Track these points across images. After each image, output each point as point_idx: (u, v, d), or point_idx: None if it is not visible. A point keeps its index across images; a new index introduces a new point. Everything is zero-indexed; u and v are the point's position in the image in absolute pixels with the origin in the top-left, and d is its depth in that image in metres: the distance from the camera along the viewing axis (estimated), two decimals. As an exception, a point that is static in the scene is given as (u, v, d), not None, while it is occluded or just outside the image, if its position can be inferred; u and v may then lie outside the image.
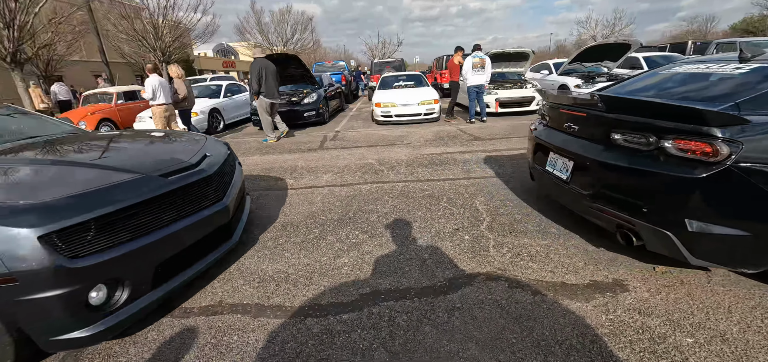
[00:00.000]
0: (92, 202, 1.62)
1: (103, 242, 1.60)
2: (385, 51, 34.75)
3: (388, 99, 8.12)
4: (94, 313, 1.59)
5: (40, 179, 1.87)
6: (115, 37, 17.14)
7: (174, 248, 1.90)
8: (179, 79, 6.66)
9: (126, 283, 1.70)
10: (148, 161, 2.17)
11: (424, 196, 3.57)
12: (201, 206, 2.11)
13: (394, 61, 14.99)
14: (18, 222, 1.43)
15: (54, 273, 1.43)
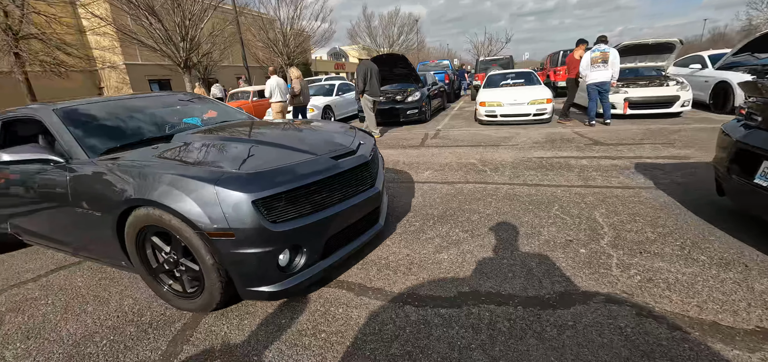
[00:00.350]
0: (288, 176, 1.88)
1: (292, 212, 1.84)
2: (491, 48, 33.09)
3: (494, 98, 7.73)
4: (281, 273, 1.85)
5: (243, 154, 2.14)
6: (252, 45, 20.37)
7: (340, 226, 2.08)
8: (297, 79, 7.58)
9: (304, 251, 1.91)
10: (319, 144, 2.37)
11: (531, 201, 3.31)
12: (360, 189, 2.27)
13: (501, 58, 14.16)
14: (238, 188, 1.71)
15: (260, 233, 1.70)
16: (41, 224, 2.55)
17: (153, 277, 2.11)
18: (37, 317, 2.20)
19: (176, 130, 2.83)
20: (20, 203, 2.58)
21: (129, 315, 2.12)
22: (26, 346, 1.94)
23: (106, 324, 2.05)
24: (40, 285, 2.61)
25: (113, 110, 2.81)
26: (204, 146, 2.29)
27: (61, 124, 2.38)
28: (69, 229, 2.34)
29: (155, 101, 3.22)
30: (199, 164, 1.97)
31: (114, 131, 2.62)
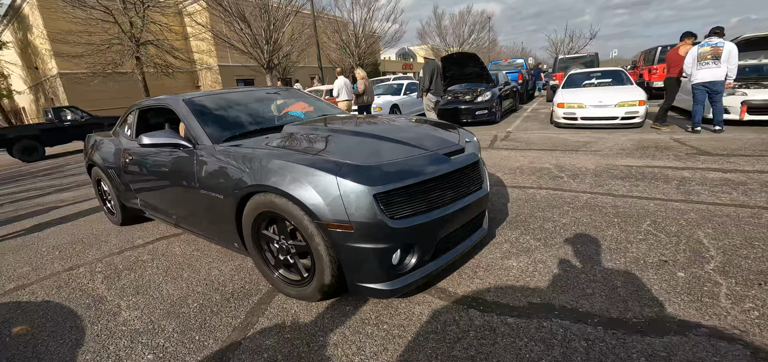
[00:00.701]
0: (407, 170, 1.81)
1: (409, 209, 1.76)
2: (572, 46, 30.29)
3: (574, 99, 7.10)
4: (392, 271, 1.78)
5: (357, 147, 2.09)
6: (326, 47, 21.48)
7: (451, 227, 1.97)
8: (362, 80, 7.89)
9: (416, 251, 1.83)
10: (428, 139, 2.23)
11: (616, 213, 2.97)
12: (471, 189, 2.14)
13: (584, 56, 12.91)
14: (360, 180, 1.67)
15: (378, 228, 1.65)
16: (166, 202, 2.87)
17: (264, 262, 2.18)
18: (145, 277, 2.59)
19: (284, 122, 2.94)
20: (150, 181, 2.94)
21: (215, 284, 2.38)
22: (136, 300, 2.29)
23: (197, 290, 2.33)
24: (148, 250, 3.06)
25: (227, 102, 3.01)
26: (316, 138, 2.30)
27: (189, 112, 2.62)
28: (191, 208, 2.55)
29: (260, 94, 3.39)
30: (316, 154, 1.94)
31: (231, 120, 2.81)
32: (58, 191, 5.95)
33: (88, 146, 3.95)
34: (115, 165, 3.35)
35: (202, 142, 2.41)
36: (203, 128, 2.50)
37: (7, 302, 2.44)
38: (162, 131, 2.50)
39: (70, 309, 2.25)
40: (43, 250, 3.34)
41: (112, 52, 18.29)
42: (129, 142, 3.25)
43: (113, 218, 3.80)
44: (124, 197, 3.42)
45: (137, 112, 3.30)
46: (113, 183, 3.45)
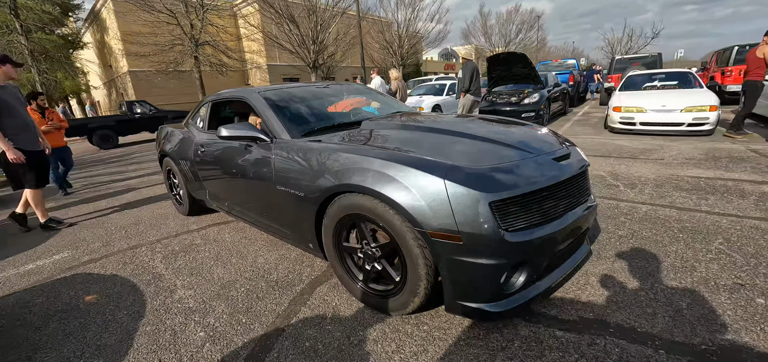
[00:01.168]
0: (522, 176, 1.59)
1: (523, 221, 1.51)
2: (631, 45, 27.92)
3: (633, 103, 6.57)
4: (499, 291, 1.53)
5: (456, 147, 1.85)
6: (369, 47, 21.75)
7: (563, 241, 1.68)
8: (395, 80, 8.10)
9: (526, 268, 1.57)
10: (531, 141, 1.97)
11: (681, 228, 2.71)
12: (581, 200, 1.85)
13: (645, 56, 11.89)
14: (472, 184, 1.46)
15: (492, 241, 1.42)
16: (236, 195, 2.79)
17: (345, 268, 2.03)
18: (198, 259, 2.76)
19: (360, 117, 2.77)
20: (221, 174, 2.86)
21: (261, 271, 2.49)
22: (190, 280, 2.45)
23: (245, 275, 2.45)
24: (201, 235, 3.27)
25: (301, 96, 2.88)
26: (404, 135, 2.12)
27: (266, 106, 2.53)
28: (264, 203, 2.43)
29: (329, 90, 3.25)
30: (412, 153, 1.73)
31: (308, 115, 2.70)
32: (127, 179, 6.54)
33: (161, 137, 4.03)
34: (186, 156, 3.35)
35: (280, 136, 2.31)
36: (282, 121, 2.39)
37: (81, 273, 2.72)
38: (240, 124, 2.38)
39: (133, 284, 2.46)
40: (111, 229, 3.69)
41: (174, 52, 19.88)
42: (201, 134, 3.23)
43: (180, 208, 3.90)
44: (193, 188, 3.45)
45: (210, 105, 3.27)
46: (183, 174, 3.49)
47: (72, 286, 2.52)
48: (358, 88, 3.50)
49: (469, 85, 6.82)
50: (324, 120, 2.67)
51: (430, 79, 14.85)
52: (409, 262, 1.65)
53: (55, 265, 2.92)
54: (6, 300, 2.42)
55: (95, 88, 30.43)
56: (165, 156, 3.86)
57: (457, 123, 2.37)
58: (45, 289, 2.52)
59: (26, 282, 2.67)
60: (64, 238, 3.53)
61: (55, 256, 3.10)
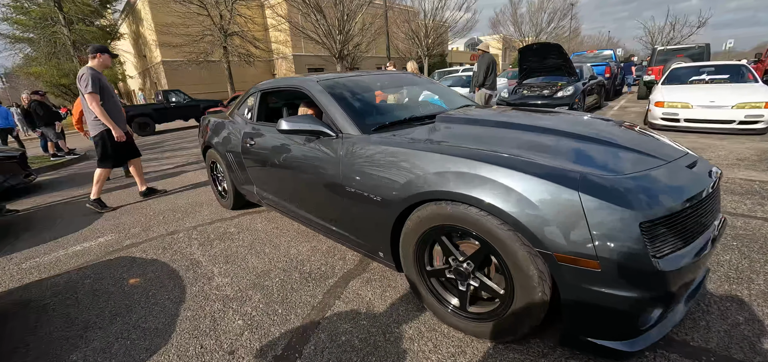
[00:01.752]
0: (672, 189, 1.35)
1: (671, 244, 1.26)
2: (673, 35, 26.12)
3: (678, 97, 6.17)
4: (633, 326, 1.29)
5: (567, 149, 1.57)
6: (394, 37, 21.51)
7: (704, 262, 1.45)
8: (413, 72, 7.81)
9: (662, 299, 1.30)
10: (652, 146, 1.69)
11: (735, 235, 2.51)
12: (716, 215, 1.56)
13: (690, 47, 11.10)
14: (618, 199, 1.20)
15: (641, 270, 1.17)
16: (292, 193, 2.56)
17: (426, 284, 1.78)
18: (233, 248, 2.83)
19: (429, 111, 2.54)
20: (275, 170, 2.61)
21: (294, 262, 2.52)
22: (226, 268, 2.51)
23: (278, 265, 2.48)
24: (235, 223, 3.35)
25: (361, 86, 2.62)
26: (496, 132, 1.84)
27: (329, 97, 2.29)
28: (327, 204, 2.19)
29: (386, 78, 3.04)
30: (519, 154, 1.46)
31: (374, 107, 2.49)
32: (162, 167, 6.80)
33: (205, 128, 3.80)
34: (232, 149, 3.14)
35: (347, 131, 2.06)
36: (350, 114, 2.15)
37: (124, 256, 2.85)
38: (302, 117, 2.18)
39: (173, 269, 2.55)
40: (150, 214, 3.84)
41: (204, 43, 20.44)
42: (249, 125, 3.00)
43: (224, 202, 3.75)
44: (239, 182, 3.26)
45: (259, 94, 3.02)
46: (229, 167, 3.29)
47: (116, 268, 2.64)
48: (412, 79, 3.26)
49: (484, 79, 6.66)
50: (393, 113, 2.43)
51: (456, 71, 14.56)
52: (518, 286, 1.39)
53: (100, 247, 3.07)
54: (57, 280, 2.57)
55: (130, 78, 31.84)
56: (209, 148, 3.66)
57: (549, 120, 2.09)
58: (92, 270, 2.65)
59: (74, 262, 2.82)
60: (107, 221, 3.71)
61: (100, 239, 3.26)
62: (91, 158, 8.27)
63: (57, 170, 7.19)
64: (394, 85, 3.10)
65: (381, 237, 1.86)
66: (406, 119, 2.25)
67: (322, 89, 2.38)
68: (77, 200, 4.62)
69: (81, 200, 4.56)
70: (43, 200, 4.80)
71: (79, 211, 4.17)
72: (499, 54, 47.44)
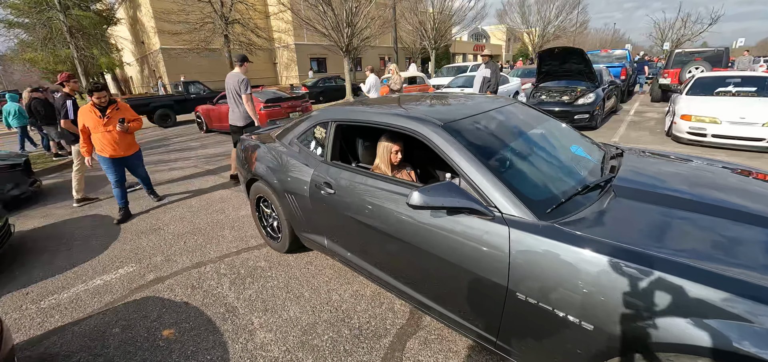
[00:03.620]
0: None
1: None
2: (683, 32, 25.63)
3: (706, 112, 5.98)
4: None
5: None
6: (399, 28, 21.04)
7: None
8: (394, 73, 8.11)
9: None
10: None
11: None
12: None
13: (708, 50, 10.85)
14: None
15: None
16: (403, 268, 1.95)
17: None
18: (268, 289, 2.64)
19: (588, 167, 1.99)
20: (371, 232, 2.03)
21: (339, 312, 2.34)
22: (266, 318, 2.33)
23: (323, 317, 2.31)
24: (263, 255, 3.15)
25: (507, 129, 2.07)
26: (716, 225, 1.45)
27: (468, 153, 1.67)
28: (472, 300, 1.63)
29: (509, 109, 2.34)
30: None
31: (538, 166, 1.89)
32: (171, 170, 6.55)
33: (250, 156, 3.13)
34: (296, 191, 2.53)
35: (509, 212, 1.48)
36: (510, 187, 1.54)
37: (151, 296, 2.66)
38: (442, 186, 1.57)
39: (209, 318, 2.37)
40: (169, 237, 3.64)
41: (204, 31, 19.90)
42: (322, 167, 2.38)
43: (275, 244, 3.14)
44: (301, 229, 2.69)
45: (334, 127, 2.39)
46: (288, 209, 2.69)
47: (145, 314, 2.46)
48: (528, 112, 2.48)
49: (496, 87, 7.06)
50: (563, 180, 1.80)
51: (465, 68, 14.25)
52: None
53: (122, 282, 2.87)
54: (82, 327, 2.38)
55: (128, 65, 31.11)
56: (255, 181, 3.04)
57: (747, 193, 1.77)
58: (118, 315, 2.47)
59: (98, 302, 2.63)
60: (125, 245, 3.51)
61: (120, 270, 3.06)
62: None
63: (61, 172, 6.93)
64: (517, 118, 2.29)
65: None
66: (579, 189, 1.68)
67: (452, 137, 1.74)
68: (87, 214, 4.40)
69: (90, 213, 4.35)
70: (52, 212, 4.57)
71: (91, 227, 3.95)
72: (502, 45, 46.89)
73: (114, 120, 3.91)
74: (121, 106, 4.04)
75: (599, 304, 1.23)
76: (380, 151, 2.29)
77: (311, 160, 2.50)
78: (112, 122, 3.90)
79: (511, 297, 1.44)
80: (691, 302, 1.11)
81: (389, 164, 2.28)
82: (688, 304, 1.11)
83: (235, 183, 5.21)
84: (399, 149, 2.25)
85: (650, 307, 1.15)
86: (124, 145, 4.08)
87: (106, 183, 5.58)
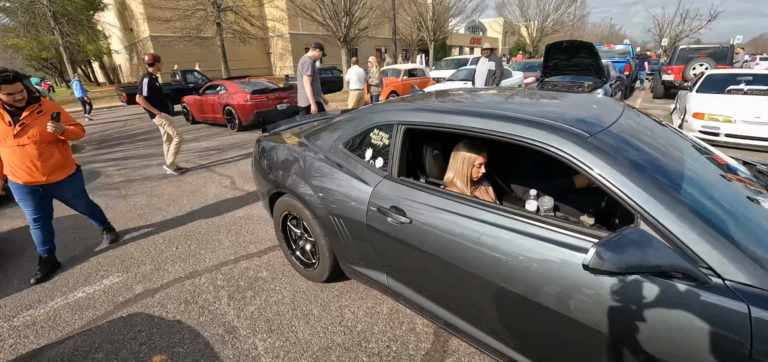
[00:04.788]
0: None
1: None
2: (682, 28, 25.60)
3: (719, 110, 5.81)
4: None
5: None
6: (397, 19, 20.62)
7: None
8: (372, 65, 8.01)
9: None
10: None
11: None
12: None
13: (713, 46, 10.71)
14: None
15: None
16: (522, 326, 1.43)
17: None
18: (271, 305, 2.37)
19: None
20: (467, 278, 1.51)
21: (354, 334, 2.08)
22: (272, 342, 2.06)
23: (336, 341, 2.05)
24: (264, 263, 2.87)
25: (659, 143, 1.58)
26: None
27: (660, 191, 1.17)
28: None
29: (649, 123, 1.81)
30: None
31: (736, 205, 1.35)
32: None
33: (272, 160, 2.59)
34: (345, 214, 1.97)
35: (734, 276, 1.02)
36: (731, 244, 1.06)
37: (139, 312, 2.37)
38: (634, 239, 1.03)
39: (206, 341, 2.09)
40: (159, 243, 3.33)
41: (196, 18, 19.24)
42: (387, 183, 1.84)
43: (307, 272, 2.55)
44: (348, 259, 2.16)
45: (403, 131, 1.83)
46: (333, 235, 2.13)
47: (133, 334, 2.17)
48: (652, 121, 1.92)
49: (501, 80, 6.97)
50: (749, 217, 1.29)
51: (465, 61, 13.96)
52: None
53: (107, 295, 2.58)
54: (61, 350, 2.09)
55: (116, 53, 30.16)
56: (282, 194, 2.46)
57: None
58: (103, 335, 2.18)
59: (79, 320, 2.33)
60: (111, 251, 3.20)
61: (105, 281, 2.76)
62: (80, 150, 7.59)
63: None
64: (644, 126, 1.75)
65: None
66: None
67: (614, 156, 1.26)
68: (69, 213, 4.06)
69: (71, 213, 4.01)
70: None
71: (72, 227, 3.62)
72: (498, 38, 46.56)
73: (32, 128, 2.57)
74: (47, 107, 2.67)
75: None
76: (457, 163, 1.85)
77: (367, 174, 1.93)
78: (30, 131, 2.56)
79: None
80: None
81: (468, 179, 1.85)
82: None
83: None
84: (483, 162, 1.84)
85: None
86: (48, 164, 2.68)
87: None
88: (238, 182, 4.86)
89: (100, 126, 10.97)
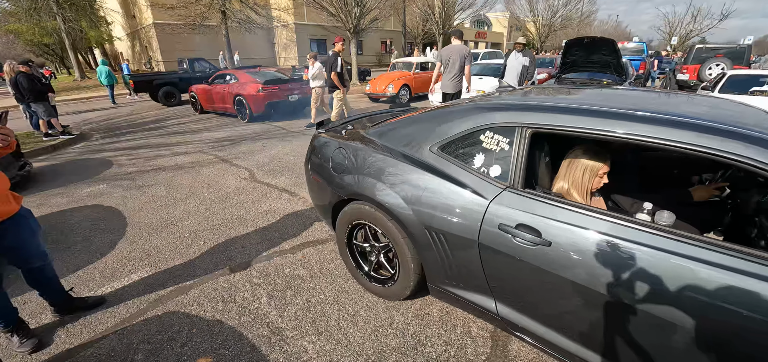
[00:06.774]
0: None
1: None
2: (692, 27, 25.33)
3: (747, 109, 5.69)
4: None
5: None
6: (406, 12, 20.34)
7: None
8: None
9: None
10: None
11: None
12: None
13: (730, 45, 10.56)
14: None
15: None
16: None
17: None
18: (314, 304, 2.26)
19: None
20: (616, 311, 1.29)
21: (408, 338, 1.98)
22: (322, 344, 1.95)
23: (390, 344, 1.94)
24: (299, 260, 2.76)
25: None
26: None
27: None
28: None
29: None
30: None
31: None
32: (174, 154, 6.06)
33: (337, 163, 2.22)
34: (453, 229, 1.66)
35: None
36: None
37: (174, 311, 2.26)
38: None
39: (250, 342, 1.98)
40: (184, 234, 3.22)
41: (200, 6, 18.94)
42: (511, 193, 1.53)
43: (389, 290, 2.20)
44: (446, 280, 1.84)
45: (529, 135, 1.53)
46: (428, 251, 1.82)
47: (171, 334, 2.06)
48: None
49: (533, 76, 7.22)
50: None
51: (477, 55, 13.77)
52: None
53: (138, 290, 2.46)
54: (96, 350, 1.98)
55: (119, 40, 29.76)
56: (352, 200, 2.16)
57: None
58: (138, 335, 2.06)
59: (111, 318, 2.22)
60: (134, 246, 3.07)
61: (133, 275, 2.64)
62: (88, 138, 7.44)
63: (52, 154, 6.38)
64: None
65: None
66: None
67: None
68: (86, 203, 3.93)
69: (90, 203, 3.88)
70: (48, 201, 4.09)
71: (93, 220, 3.50)
72: (504, 33, 46.17)
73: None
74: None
75: None
76: (575, 172, 1.62)
77: (479, 184, 1.62)
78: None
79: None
80: None
81: (587, 190, 1.61)
82: None
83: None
84: (607, 171, 1.60)
85: None
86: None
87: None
88: (257, 175, 4.73)
89: (106, 114, 10.78)
